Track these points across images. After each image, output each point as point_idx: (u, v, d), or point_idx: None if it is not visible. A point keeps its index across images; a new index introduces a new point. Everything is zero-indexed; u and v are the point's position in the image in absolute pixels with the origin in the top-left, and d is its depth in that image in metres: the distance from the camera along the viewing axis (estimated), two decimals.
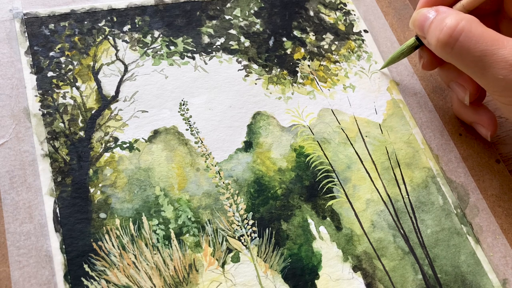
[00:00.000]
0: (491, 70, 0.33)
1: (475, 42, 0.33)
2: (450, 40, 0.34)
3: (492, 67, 0.33)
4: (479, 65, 0.34)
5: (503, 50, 0.33)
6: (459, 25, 0.34)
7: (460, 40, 0.34)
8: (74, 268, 0.31)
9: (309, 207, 0.36)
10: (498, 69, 0.33)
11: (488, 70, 0.33)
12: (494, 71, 0.33)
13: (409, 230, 0.37)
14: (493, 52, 0.33)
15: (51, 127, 0.35)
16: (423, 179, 0.39)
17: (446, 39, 0.34)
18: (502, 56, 0.33)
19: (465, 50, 0.34)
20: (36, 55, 0.37)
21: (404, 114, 0.42)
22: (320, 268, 0.34)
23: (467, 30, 0.34)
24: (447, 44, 0.34)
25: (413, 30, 0.39)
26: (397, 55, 0.42)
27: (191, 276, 0.32)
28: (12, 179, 0.32)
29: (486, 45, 0.33)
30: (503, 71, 0.33)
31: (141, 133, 0.36)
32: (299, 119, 0.40)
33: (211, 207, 0.35)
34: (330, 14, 0.46)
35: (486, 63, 0.33)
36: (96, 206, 0.33)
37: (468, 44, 0.34)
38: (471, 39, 0.33)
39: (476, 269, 0.36)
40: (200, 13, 0.43)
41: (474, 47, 0.33)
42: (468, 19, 0.34)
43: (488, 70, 0.33)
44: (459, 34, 0.34)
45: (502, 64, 0.33)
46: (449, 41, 0.34)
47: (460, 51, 0.34)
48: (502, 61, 0.33)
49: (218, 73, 0.40)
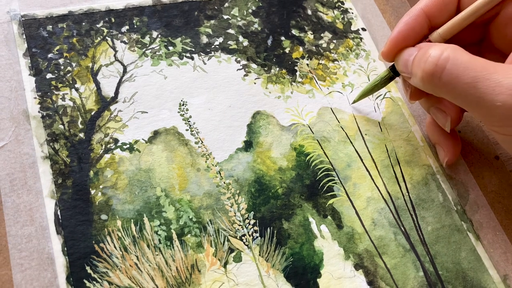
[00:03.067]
0: (487, 97, 0.30)
1: (463, 69, 0.30)
2: (437, 69, 0.31)
3: (487, 94, 0.30)
4: (472, 94, 0.30)
5: (495, 74, 0.29)
6: (444, 54, 0.31)
7: (447, 68, 0.31)
8: (76, 270, 0.31)
9: (310, 206, 0.36)
10: (494, 95, 0.29)
11: (483, 98, 0.30)
12: (490, 98, 0.30)
13: (409, 228, 0.37)
14: (486, 77, 0.30)
15: (50, 129, 0.35)
16: (423, 177, 0.39)
17: (432, 69, 0.32)
18: (496, 80, 0.29)
19: (455, 78, 0.31)
20: (35, 57, 0.37)
21: (403, 111, 0.42)
22: (322, 267, 0.34)
23: (453, 58, 0.31)
24: (433, 75, 0.32)
25: (383, 62, 0.37)
26: (370, 87, 0.40)
27: (193, 276, 0.32)
28: (13, 182, 0.32)
29: (476, 71, 0.30)
30: (500, 96, 0.29)
31: (141, 134, 0.36)
32: (298, 118, 0.40)
33: (212, 207, 0.35)
34: (328, 13, 0.46)
35: (479, 90, 0.30)
36: (97, 208, 0.33)
37: (456, 72, 0.31)
38: (459, 66, 0.31)
39: (477, 265, 0.37)
40: (198, 13, 0.43)
41: (464, 74, 0.30)
42: (452, 47, 0.32)
43: (483, 98, 0.30)
44: (445, 62, 0.31)
45: (497, 89, 0.29)
46: (435, 71, 0.31)
47: (449, 80, 0.31)
48: (497, 86, 0.29)
49: (217, 73, 0.40)
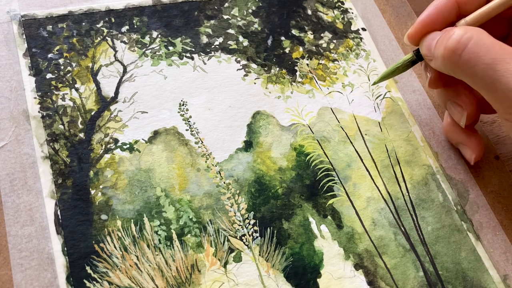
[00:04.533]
0: (504, 80, 0.30)
1: (485, 50, 0.31)
2: (459, 46, 0.32)
3: (505, 77, 0.30)
4: (490, 75, 0.31)
5: None
6: (468, 33, 0.32)
7: (469, 46, 0.32)
8: (76, 270, 0.31)
9: (310, 206, 0.36)
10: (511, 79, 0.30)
11: (500, 80, 0.30)
12: (507, 81, 0.30)
13: (409, 228, 0.37)
14: (506, 61, 0.30)
15: (50, 129, 0.35)
16: (423, 177, 0.39)
17: (454, 46, 0.32)
18: None
19: (475, 57, 0.31)
20: (35, 57, 0.37)
21: (403, 111, 0.42)
22: (322, 267, 0.34)
23: (476, 38, 0.32)
24: (455, 52, 0.32)
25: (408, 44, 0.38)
26: (392, 70, 0.40)
27: (193, 276, 0.32)
28: (13, 182, 0.32)
29: (497, 54, 0.31)
30: None
31: (141, 134, 0.36)
32: (298, 118, 0.40)
33: (212, 207, 0.35)
34: (328, 13, 0.46)
35: (498, 71, 0.30)
36: (97, 208, 0.33)
37: (477, 51, 0.31)
38: (481, 47, 0.31)
39: (477, 265, 0.37)
40: (198, 13, 0.43)
41: (484, 54, 0.31)
42: (476, 29, 0.32)
43: (500, 80, 0.30)
44: (468, 40, 0.32)
45: None
46: (457, 48, 0.32)
47: (469, 59, 0.32)
48: None
49: (217, 73, 0.40)
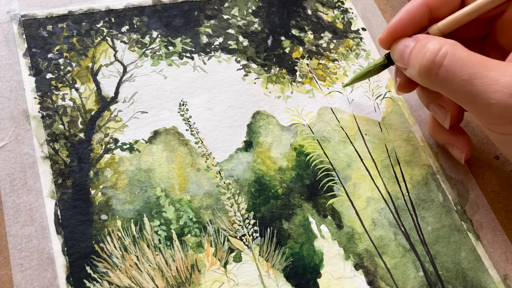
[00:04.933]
0: (482, 95, 0.30)
1: (461, 66, 0.30)
2: (434, 66, 0.31)
3: (483, 92, 0.30)
4: (468, 90, 0.30)
5: (493, 72, 0.30)
6: (442, 49, 0.31)
7: (445, 64, 0.31)
8: (76, 270, 0.31)
9: (310, 206, 0.36)
10: (489, 92, 0.29)
11: (478, 95, 0.30)
12: (485, 96, 0.30)
13: (409, 228, 0.37)
14: (483, 75, 0.30)
15: (50, 129, 0.35)
16: (423, 177, 0.39)
17: (429, 65, 0.32)
18: (493, 78, 0.29)
19: (451, 75, 0.31)
20: (35, 57, 0.37)
21: (403, 111, 0.42)
22: (322, 267, 0.34)
23: (451, 54, 0.31)
24: (431, 70, 0.32)
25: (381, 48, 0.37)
26: (363, 73, 0.39)
27: (193, 276, 0.32)
28: (13, 182, 0.32)
29: (473, 68, 0.30)
30: (495, 94, 0.29)
31: (141, 134, 0.36)
32: (298, 118, 0.40)
33: (212, 207, 0.35)
34: (328, 13, 0.46)
35: (475, 87, 0.30)
36: (97, 208, 0.33)
37: (453, 68, 0.31)
38: (457, 63, 0.30)
39: (477, 265, 0.37)
40: (198, 13, 0.43)
41: (461, 70, 0.30)
42: (451, 43, 0.31)
43: (478, 96, 0.30)
44: (443, 58, 0.31)
45: (493, 87, 0.29)
46: (432, 67, 0.31)
47: (446, 77, 0.31)
48: (494, 84, 0.29)
49: (217, 73, 0.40)
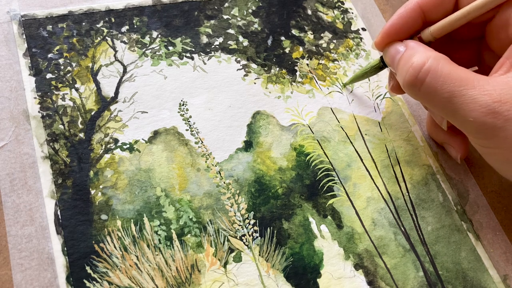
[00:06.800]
0: (461, 112, 0.31)
1: (442, 83, 0.31)
2: (416, 82, 0.32)
3: (461, 109, 0.31)
4: (448, 107, 0.31)
5: (472, 90, 0.30)
6: (426, 65, 0.32)
7: (427, 81, 0.32)
8: (76, 270, 0.31)
9: (310, 206, 0.36)
10: (467, 111, 0.30)
11: (457, 112, 0.31)
12: (463, 113, 0.31)
13: (409, 228, 0.37)
14: (462, 93, 0.30)
15: (50, 129, 0.35)
16: (423, 177, 0.39)
17: (412, 81, 0.32)
18: (471, 97, 0.30)
19: (432, 91, 0.31)
20: (35, 57, 0.37)
21: (403, 111, 0.42)
22: (322, 267, 0.34)
23: (434, 70, 0.31)
24: (414, 86, 0.32)
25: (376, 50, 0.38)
26: (361, 74, 0.40)
27: (193, 276, 0.32)
28: (13, 182, 0.32)
29: (454, 86, 0.31)
30: (473, 113, 0.30)
31: (141, 134, 0.36)
32: (298, 118, 0.40)
33: (212, 207, 0.35)
34: (328, 13, 0.46)
35: (455, 104, 0.31)
36: (97, 208, 0.33)
37: (435, 85, 0.31)
38: (438, 80, 0.31)
39: (477, 265, 0.37)
40: (198, 13, 0.43)
41: (441, 88, 0.31)
42: (435, 57, 0.32)
43: (457, 112, 0.31)
44: (425, 75, 0.32)
45: (471, 105, 0.30)
46: (415, 83, 0.32)
47: (428, 93, 0.32)
48: (471, 103, 0.30)
49: (217, 73, 0.40)
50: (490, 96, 0.30)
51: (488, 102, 0.30)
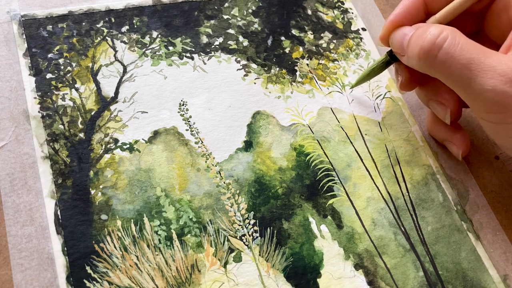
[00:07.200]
0: (478, 80, 0.31)
1: (460, 50, 0.31)
2: (434, 48, 0.32)
3: (479, 77, 0.31)
4: (465, 74, 0.31)
5: (490, 59, 0.31)
6: (443, 33, 0.32)
7: (444, 47, 0.32)
8: (76, 270, 0.31)
9: (310, 206, 0.36)
10: (486, 78, 0.31)
11: (475, 80, 0.31)
12: (481, 81, 0.31)
13: (409, 228, 0.37)
14: (480, 61, 0.31)
15: (50, 129, 0.35)
16: (423, 177, 0.39)
17: (429, 46, 0.32)
18: (490, 65, 0.31)
19: (450, 58, 0.32)
20: (35, 57, 0.37)
21: (403, 111, 0.42)
22: (322, 267, 0.34)
23: (452, 38, 0.32)
24: (430, 52, 0.32)
25: (381, 46, 0.38)
26: (367, 73, 0.40)
27: (193, 276, 0.32)
28: (13, 182, 0.32)
29: (472, 53, 0.31)
30: (491, 80, 0.30)
31: (141, 134, 0.36)
32: (298, 118, 0.40)
33: (212, 207, 0.35)
34: (328, 13, 0.46)
35: (473, 71, 0.31)
36: (97, 208, 0.33)
37: (453, 52, 0.32)
38: (456, 47, 0.31)
39: (477, 265, 0.37)
40: (198, 13, 0.43)
41: (460, 54, 0.31)
42: (451, 29, 0.32)
43: (475, 80, 0.31)
44: (443, 41, 0.32)
45: (490, 73, 0.30)
46: (432, 48, 0.32)
47: (445, 60, 0.32)
48: (490, 70, 0.30)
49: (217, 73, 0.40)
50: (508, 66, 0.30)
51: (507, 71, 0.30)
